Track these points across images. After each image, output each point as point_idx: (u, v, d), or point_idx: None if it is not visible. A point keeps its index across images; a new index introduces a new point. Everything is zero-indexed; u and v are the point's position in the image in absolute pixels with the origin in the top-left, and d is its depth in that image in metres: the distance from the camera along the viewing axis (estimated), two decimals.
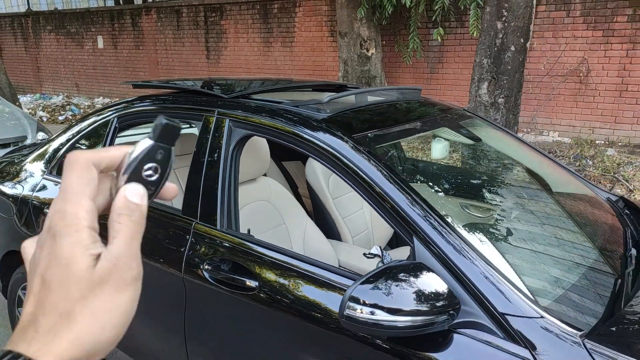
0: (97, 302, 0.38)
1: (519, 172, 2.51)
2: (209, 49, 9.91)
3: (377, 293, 1.27)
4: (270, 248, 1.69)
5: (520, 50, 3.73)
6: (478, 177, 2.57)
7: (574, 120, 6.55)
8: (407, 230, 1.45)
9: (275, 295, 1.59)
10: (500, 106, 3.69)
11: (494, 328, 1.28)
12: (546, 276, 1.61)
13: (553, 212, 2.18)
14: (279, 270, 1.62)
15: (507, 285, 1.32)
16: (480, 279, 1.32)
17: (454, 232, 1.41)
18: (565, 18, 6.32)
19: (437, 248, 1.37)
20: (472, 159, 2.53)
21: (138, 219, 0.41)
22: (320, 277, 1.53)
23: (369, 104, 2.11)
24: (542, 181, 2.44)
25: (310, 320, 1.51)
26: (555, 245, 1.85)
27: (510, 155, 2.52)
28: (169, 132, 0.43)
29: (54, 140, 2.57)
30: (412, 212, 1.45)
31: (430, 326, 1.26)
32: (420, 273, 1.31)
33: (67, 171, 0.41)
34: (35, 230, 2.35)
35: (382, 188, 1.50)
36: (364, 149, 1.63)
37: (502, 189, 2.42)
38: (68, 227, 0.39)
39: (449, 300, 1.29)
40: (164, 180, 0.44)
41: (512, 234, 1.87)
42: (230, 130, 1.91)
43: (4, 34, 13.48)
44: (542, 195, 2.34)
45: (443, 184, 2.54)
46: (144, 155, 0.42)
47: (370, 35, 6.50)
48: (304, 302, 1.53)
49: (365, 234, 2.81)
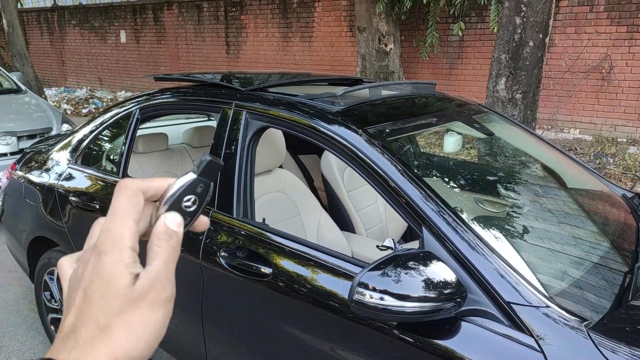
0: (134, 317, 0.41)
1: (533, 167, 2.52)
2: (229, 44, 10.01)
3: (386, 279, 1.31)
4: (285, 236, 1.74)
5: (539, 46, 3.70)
6: (492, 172, 2.58)
7: (595, 117, 6.45)
8: (417, 220, 1.48)
9: (288, 281, 1.65)
10: (517, 102, 3.67)
11: (499, 316, 1.31)
12: (554, 268, 1.63)
13: (565, 206, 2.19)
14: (292, 258, 1.67)
15: (513, 274, 1.35)
16: (487, 268, 1.35)
17: (463, 223, 1.44)
18: (589, 13, 6.22)
19: (445, 238, 1.41)
20: (487, 154, 2.54)
21: (175, 244, 0.45)
22: (333, 265, 1.58)
23: (383, 97, 2.14)
24: (557, 176, 2.44)
25: (322, 307, 1.56)
26: (566, 238, 1.86)
27: (525, 151, 2.52)
28: (212, 169, 0.48)
29: (79, 131, 2.67)
30: (422, 203, 1.48)
31: (437, 312, 1.29)
32: (428, 261, 1.35)
33: (118, 195, 0.45)
34: (61, 217, 2.45)
35: (394, 179, 1.54)
36: (377, 141, 1.67)
37: (515, 184, 2.43)
38: (113, 245, 0.42)
39: (456, 288, 1.32)
40: (200, 212, 0.48)
41: (522, 227, 1.89)
42: (247, 122, 1.97)
43: (31, 28, 13.83)
44: (555, 191, 2.35)
45: (457, 179, 2.56)
46: (185, 188, 0.47)
47: (389, 30, 6.50)
48: (316, 289, 1.58)
49: (379, 227, 2.84)
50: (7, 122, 4.52)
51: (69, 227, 2.42)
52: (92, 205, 2.28)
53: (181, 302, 1.98)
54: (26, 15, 13.72)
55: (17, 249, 2.90)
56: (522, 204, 2.19)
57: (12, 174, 2.88)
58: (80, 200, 2.33)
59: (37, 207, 2.61)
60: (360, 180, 2.86)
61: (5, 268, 3.67)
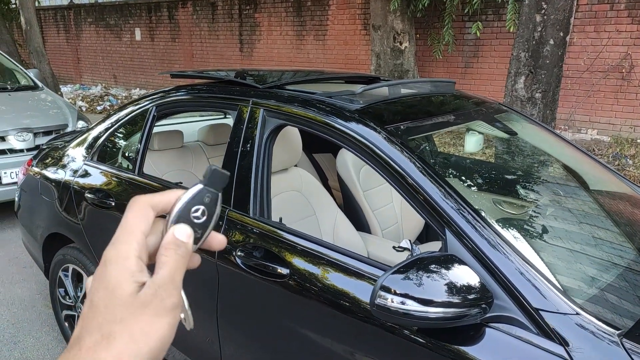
0: (137, 325, 0.40)
1: (555, 168, 2.45)
2: (243, 42, 10.01)
3: (409, 283, 1.27)
4: (302, 237, 1.71)
5: (559, 44, 3.62)
6: (512, 172, 2.52)
7: (614, 117, 6.32)
8: (439, 222, 1.44)
9: (305, 283, 1.61)
10: (537, 101, 3.59)
11: (527, 323, 1.26)
12: (582, 274, 1.57)
13: (590, 210, 2.12)
14: (310, 259, 1.64)
15: (542, 280, 1.30)
16: (515, 274, 1.30)
17: (488, 225, 1.39)
18: (609, 12, 6.09)
19: (470, 241, 1.36)
20: (506, 153, 2.48)
21: (183, 254, 0.45)
22: (351, 267, 1.54)
23: (403, 96, 2.09)
24: (579, 178, 2.38)
25: (340, 309, 1.53)
26: (592, 243, 1.80)
27: (546, 151, 2.46)
28: (217, 178, 0.47)
29: (95, 128, 2.66)
30: (445, 204, 1.44)
31: (462, 318, 1.25)
32: (452, 265, 1.30)
33: (128, 210, 0.45)
34: (76, 214, 2.45)
35: (415, 180, 1.50)
36: (397, 140, 1.62)
37: (536, 185, 2.37)
38: (118, 254, 0.42)
39: (482, 294, 1.28)
40: (211, 225, 0.47)
41: (548, 231, 1.83)
42: (264, 120, 1.94)
43: (47, 26, 13.98)
44: (578, 193, 2.28)
45: (474, 179, 2.51)
46: (192, 197, 0.47)
47: (404, 29, 6.43)
48: (334, 290, 1.55)
49: (394, 228, 2.80)
50: (23, 119, 4.55)
51: (84, 224, 2.41)
52: (108, 202, 2.27)
53: (196, 301, 1.97)
54: (43, 13, 13.87)
55: (32, 245, 2.91)
56: (544, 206, 2.13)
57: (28, 170, 2.89)
58: (95, 197, 2.32)
59: (52, 204, 2.61)
60: (376, 179, 2.82)
61: (21, 263, 3.70)
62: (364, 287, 1.50)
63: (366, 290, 1.49)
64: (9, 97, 5.00)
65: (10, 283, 3.43)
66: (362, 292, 1.49)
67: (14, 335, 2.85)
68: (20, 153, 4.33)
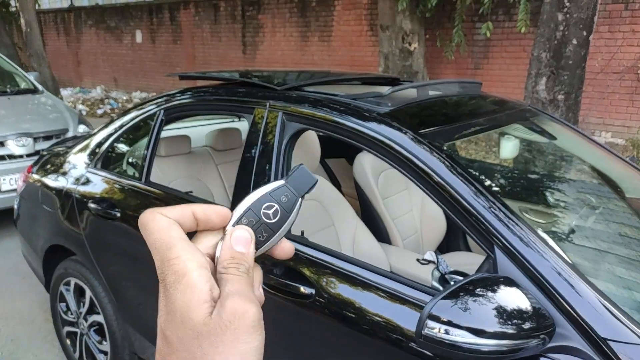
0: (219, 356, 0.35)
1: (590, 173, 2.30)
2: (246, 44, 9.87)
3: (459, 310, 1.11)
4: (328, 252, 1.55)
5: (582, 44, 3.47)
6: (538, 178, 2.37)
7: (629, 120, 6.17)
8: (487, 239, 1.29)
9: (333, 305, 1.46)
10: (559, 103, 3.44)
11: (593, 354, 1.11)
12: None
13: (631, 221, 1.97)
14: (337, 277, 1.48)
15: (607, 305, 1.15)
16: (578, 299, 1.15)
17: (545, 244, 1.24)
18: (624, 11, 5.94)
19: (526, 262, 1.21)
20: (540, 159, 2.33)
21: (245, 271, 0.39)
22: (390, 290, 1.38)
23: (432, 97, 1.94)
24: (614, 185, 2.23)
25: (372, 335, 1.37)
26: None
27: (580, 156, 2.31)
28: (303, 180, 0.42)
29: (98, 133, 2.51)
30: (494, 220, 1.29)
31: (519, 352, 1.10)
32: (508, 289, 1.15)
33: (146, 232, 0.39)
34: (78, 225, 2.29)
35: (461, 193, 1.34)
36: (437, 148, 1.47)
37: (569, 192, 2.22)
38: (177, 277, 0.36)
39: (542, 323, 1.12)
40: (281, 231, 0.41)
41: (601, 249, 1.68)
42: (283, 124, 1.78)
43: (47, 29, 13.85)
44: (614, 199, 2.13)
45: (499, 185, 2.35)
46: (270, 191, 0.41)
47: (413, 29, 6.28)
48: (367, 315, 1.39)
49: (414, 237, 2.65)
50: (23, 123, 4.41)
51: (86, 235, 2.26)
52: (113, 213, 2.11)
53: None
54: (43, 16, 13.75)
55: (32, 256, 2.75)
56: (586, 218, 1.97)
57: (28, 177, 2.73)
58: (99, 207, 2.16)
59: (54, 214, 2.45)
60: (395, 186, 2.67)
61: (20, 274, 3.54)
62: (403, 311, 1.34)
63: (404, 314, 1.34)
64: (8, 101, 4.85)
65: (9, 295, 3.28)
66: (400, 317, 1.34)
67: (13, 353, 2.70)
68: (19, 159, 4.18)
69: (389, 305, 1.37)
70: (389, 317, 1.36)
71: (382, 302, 1.39)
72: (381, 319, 1.37)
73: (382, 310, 1.38)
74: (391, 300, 1.38)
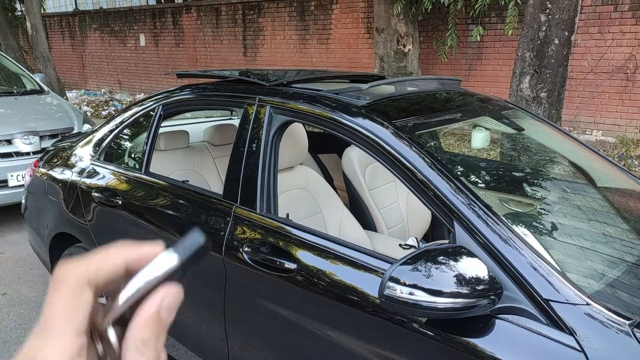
0: None
1: (562, 164, 2.45)
2: (246, 46, 10.06)
3: (417, 274, 1.26)
4: (309, 231, 1.71)
5: (564, 44, 3.62)
6: (518, 169, 2.52)
7: (618, 119, 6.30)
8: (447, 214, 1.44)
9: (313, 277, 1.61)
10: (542, 100, 3.59)
11: (537, 314, 1.26)
12: (592, 270, 1.57)
13: (598, 206, 2.12)
14: (317, 253, 1.64)
15: (551, 271, 1.29)
16: (523, 264, 1.30)
17: (498, 219, 1.39)
18: (613, 13, 6.09)
19: (479, 234, 1.36)
20: (513, 150, 2.48)
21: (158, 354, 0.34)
22: (359, 261, 1.54)
23: (409, 92, 2.10)
24: (586, 175, 2.37)
25: (347, 303, 1.53)
26: (602, 240, 1.79)
27: (552, 147, 2.46)
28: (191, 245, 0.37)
29: (102, 128, 2.68)
30: (453, 197, 1.44)
31: (471, 309, 1.25)
32: (461, 257, 1.30)
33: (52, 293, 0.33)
34: (83, 214, 2.46)
35: (424, 174, 1.50)
36: (405, 135, 1.63)
37: (543, 182, 2.37)
38: None
39: (491, 285, 1.27)
40: None
41: (556, 227, 1.83)
42: (270, 117, 1.94)
43: (53, 32, 14.08)
44: (586, 190, 2.27)
45: (480, 177, 2.50)
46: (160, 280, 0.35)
47: (408, 31, 6.45)
48: (341, 284, 1.55)
49: (400, 227, 2.79)
50: (29, 122, 4.58)
51: (91, 223, 2.42)
52: (115, 201, 2.27)
53: (203, 298, 1.97)
54: (49, 20, 13.99)
55: (39, 245, 2.92)
56: (552, 202, 2.12)
57: (35, 172, 2.90)
58: (103, 196, 2.33)
59: (59, 204, 2.62)
60: (381, 178, 2.82)
61: (27, 265, 3.71)
62: (372, 280, 1.50)
63: (374, 284, 1.49)
64: (15, 101, 5.03)
65: (17, 284, 3.44)
66: (370, 286, 1.49)
67: (21, 336, 2.86)
68: (26, 156, 4.35)
69: (359, 275, 1.53)
70: (361, 286, 1.51)
71: (354, 273, 1.54)
72: (354, 288, 1.52)
73: (354, 280, 1.53)
74: (359, 270, 1.53)
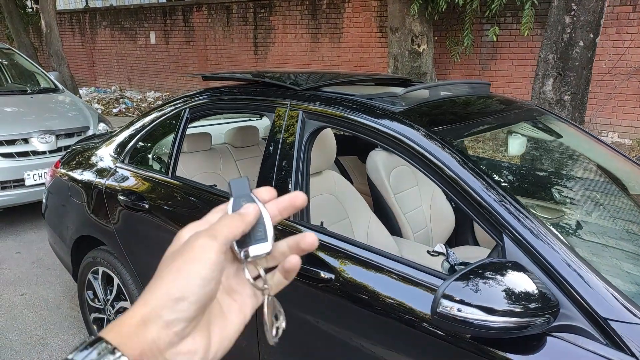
0: None
1: (594, 170, 2.39)
2: (257, 45, 10.02)
3: (471, 291, 1.22)
4: (346, 241, 1.67)
5: (589, 46, 3.56)
6: (545, 175, 2.47)
7: (635, 120, 6.22)
8: (496, 227, 1.40)
9: (351, 289, 1.57)
10: (566, 103, 3.53)
11: (595, 333, 1.22)
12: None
13: (633, 215, 2.07)
14: (356, 263, 1.60)
15: (608, 289, 1.25)
16: (579, 281, 1.26)
17: (548, 230, 1.35)
18: (631, 13, 6.00)
19: (531, 248, 1.31)
20: (546, 156, 2.43)
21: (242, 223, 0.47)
22: (404, 274, 1.50)
23: (443, 97, 2.05)
24: (618, 181, 2.32)
25: (388, 316, 1.49)
26: None
27: (585, 154, 2.40)
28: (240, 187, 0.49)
29: (125, 130, 2.64)
30: (502, 210, 1.40)
31: (525, 329, 1.21)
32: (515, 273, 1.26)
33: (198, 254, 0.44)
34: (108, 217, 2.43)
35: (471, 185, 1.45)
36: (448, 144, 1.58)
37: (574, 188, 2.31)
38: None
39: (547, 303, 1.23)
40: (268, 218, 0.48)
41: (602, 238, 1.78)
42: (303, 122, 1.90)
43: (63, 29, 14.09)
44: (620, 197, 2.23)
45: (508, 182, 2.45)
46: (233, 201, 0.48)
47: (422, 31, 6.38)
48: (382, 297, 1.51)
49: (424, 231, 2.75)
50: (45, 121, 4.56)
51: (116, 226, 2.39)
52: (141, 205, 2.24)
53: None
54: (59, 17, 13.99)
55: (60, 247, 2.89)
56: (586, 211, 2.07)
57: (56, 172, 2.88)
58: (129, 200, 2.30)
59: (82, 206, 2.59)
60: (406, 182, 2.78)
61: (45, 265, 3.69)
62: (416, 293, 1.46)
63: (418, 297, 1.45)
64: (31, 100, 5.02)
65: (35, 285, 3.43)
66: (415, 300, 1.45)
67: (42, 337, 2.84)
68: (42, 155, 4.34)
69: (402, 288, 1.49)
70: (404, 300, 1.47)
71: (397, 286, 1.50)
72: (396, 302, 1.48)
73: (397, 293, 1.50)
74: (404, 283, 1.49)
